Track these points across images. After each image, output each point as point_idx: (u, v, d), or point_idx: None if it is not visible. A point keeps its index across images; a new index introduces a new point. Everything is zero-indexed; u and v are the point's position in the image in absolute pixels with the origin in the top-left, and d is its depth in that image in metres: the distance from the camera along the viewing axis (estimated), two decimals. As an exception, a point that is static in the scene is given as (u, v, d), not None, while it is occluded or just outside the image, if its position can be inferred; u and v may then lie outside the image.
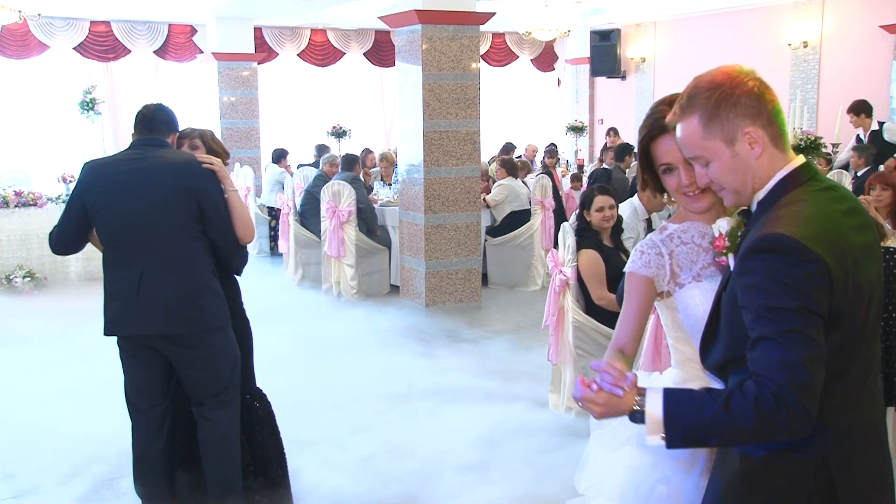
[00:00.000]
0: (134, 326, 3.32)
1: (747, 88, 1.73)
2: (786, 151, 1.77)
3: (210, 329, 3.34)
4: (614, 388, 1.70)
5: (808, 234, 1.61)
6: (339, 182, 8.21)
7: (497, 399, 5.19)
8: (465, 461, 4.27)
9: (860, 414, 1.72)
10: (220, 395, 3.41)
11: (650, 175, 2.14)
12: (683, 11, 13.24)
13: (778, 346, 1.56)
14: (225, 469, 3.45)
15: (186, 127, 3.73)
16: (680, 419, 1.63)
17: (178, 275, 3.28)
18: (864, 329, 1.70)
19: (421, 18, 7.24)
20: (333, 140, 13.01)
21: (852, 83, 10.95)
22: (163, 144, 3.41)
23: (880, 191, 5.00)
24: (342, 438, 4.60)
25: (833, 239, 1.63)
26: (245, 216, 3.44)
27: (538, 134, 14.90)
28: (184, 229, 3.28)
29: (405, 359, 6.17)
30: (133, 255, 3.28)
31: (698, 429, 1.62)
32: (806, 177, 1.74)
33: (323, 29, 13.96)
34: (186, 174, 3.30)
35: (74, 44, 12.10)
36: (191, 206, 3.28)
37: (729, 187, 1.78)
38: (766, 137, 1.73)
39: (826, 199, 1.71)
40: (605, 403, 1.71)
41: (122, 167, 3.35)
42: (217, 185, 3.37)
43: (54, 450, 4.49)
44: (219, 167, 3.41)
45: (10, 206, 8.68)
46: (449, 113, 7.45)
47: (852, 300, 1.65)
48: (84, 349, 6.37)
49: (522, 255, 8.66)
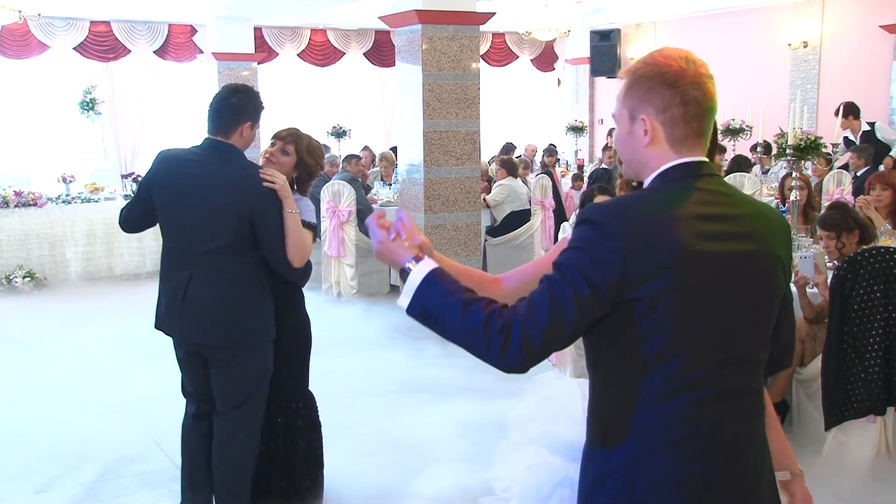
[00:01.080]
0: (175, 329, 3.33)
1: (670, 80, 1.67)
2: (683, 155, 1.70)
3: (246, 344, 3.31)
4: (400, 230, 1.77)
5: (624, 214, 1.62)
6: (339, 182, 8.21)
7: (496, 398, 5.18)
8: (463, 457, 4.29)
9: (697, 426, 1.63)
10: (240, 407, 3.37)
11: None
12: (683, 11, 13.24)
13: (540, 291, 1.61)
14: (229, 479, 3.42)
15: (291, 128, 3.56)
16: (429, 295, 1.69)
17: (223, 286, 3.25)
18: (713, 335, 1.63)
19: (421, 18, 7.24)
20: (333, 140, 13.01)
21: (852, 83, 10.95)
22: (230, 150, 3.30)
23: (880, 191, 5.00)
24: (340, 439, 4.60)
25: (653, 230, 1.60)
26: (299, 241, 3.27)
27: (538, 134, 14.90)
28: (233, 244, 3.22)
29: (405, 359, 6.17)
30: (185, 259, 3.28)
31: (435, 310, 1.69)
32: (689, 173, 1.68)
33: (323, 29, 13.96)
34: (242, 191, 3.20)
35: (74, 44, 12.10)
36: (241, 223, 3.20)
37: (622, 157, 1.80)
38: (661, 132, 1.68)
39: (686, 198, 1.65)
40: (383, 241, 1.78)
41: (186, 168, 3.30)
42: (273, 205, 3.23)
43: (52, 450, 4.49)
44: (280, 186, 3.23)
45: (10, 206, 8.68)
46: (449, 113, 7.45)
47: (672, 297, 1.59)
48: (83, 349, 6.39)
49: (522, 255, 8.66)
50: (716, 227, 1.65)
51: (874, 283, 3.52)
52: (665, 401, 1.62)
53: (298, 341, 3.61)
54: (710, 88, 1.70)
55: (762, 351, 1.73)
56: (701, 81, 1.68)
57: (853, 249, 3.99)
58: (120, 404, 5.21)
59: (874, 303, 3.52)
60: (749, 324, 1.68)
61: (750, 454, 1.69)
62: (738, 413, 1.67)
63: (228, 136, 3.31)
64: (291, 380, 3.59)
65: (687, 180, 1.68)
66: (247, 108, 3.33)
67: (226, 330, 3.26)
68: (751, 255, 1.67)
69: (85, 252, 9.04)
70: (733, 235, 1.66)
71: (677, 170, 1.68)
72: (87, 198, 9.24)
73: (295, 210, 3.27)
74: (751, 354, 1.70)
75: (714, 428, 1.64)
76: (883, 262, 3.53)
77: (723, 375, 1.65)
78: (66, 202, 9.06)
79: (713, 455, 1.64)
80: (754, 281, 1.68)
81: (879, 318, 3.53)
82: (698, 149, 1.71)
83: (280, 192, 3.24)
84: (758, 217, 1.72)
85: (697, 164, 1.69)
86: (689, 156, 1.69)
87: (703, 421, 1.63)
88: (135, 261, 9.26)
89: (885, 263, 3.52)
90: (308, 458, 3.67)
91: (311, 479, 3.70)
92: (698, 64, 1.70)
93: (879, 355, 3.52)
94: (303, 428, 3.63)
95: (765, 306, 1.71)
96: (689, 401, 1.62)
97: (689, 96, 1.67)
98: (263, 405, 3.45)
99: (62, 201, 9.05)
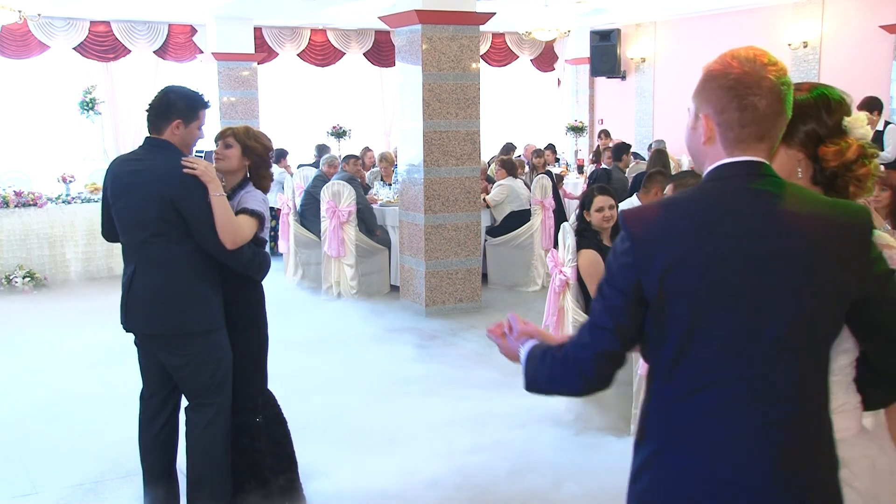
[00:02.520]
0: (124, 321, 3.51)
1: (730, 83, 1.67)
2: (735, 155, 1.69)
3: (189, 332, 3.38)
4: (513, 325, 2.02)
5: (642, 215, 1.71)
6: (339, 182, 8.21)
7: (495, 397, 5.19)
8: (461, 453, 4.29)
9: (713, 429, 1.65)
10: (202, 397, 3.46)
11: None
12: (683, 11, 13.24)
13: (590, 315, 1.79)
14: (200, 471, 3.49)
15: (228, 127, 3.68)
16: (528, 367, 1.89)
17: (159, 276, 3.37)
18: (733, 337, 1.62)
19: (421, 18, 7.24)
20: (333, 140, 13.00)
21: (852, 83, 10.92)
22: (162, 146, 3.40)
23: (879, 191, 4.98)
24: (339, 438, 4.60)
25: (666, 231, 1.66)
26: (226, 221, 3.31)
27: (538, 134, 14.90)
28: (163, 235, 3.33)
29: (405, 359, 6.17)
30: (130, 252, 3.45)
31: (535, 376, 1.87)
32: (737, 172, 1.68)
33: (323, 29, 13.96)
34: (162, 183, 3.30)
35: (74, 44, 12.10)
36: (167, 213, 3.29)
37: (688, 147, 1.83)
38: (717, 133, 1.70)
39: (719, 197, 1.67)
40: (501, 346, 2.07)
41: (124, 167, 3.46)
42: (196, 192, 3.29)
43: (52, 450, 4.49)
44: (202, 171, 3.29)
45: (10, 206, 8.68)
46: (449, 113, 7.45)
47: (682, 297, 1.64)
48: (83, 349, 6.39)
49: (522, 255, 8.66)
50: (741, 226, 1.63)
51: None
52: (683, 402, 1.66)
53: (252, 339, 3.61)
54: (776, 92, 1.67)
55: (798, 360, 1.64)
56: (763, 85, 1.66)
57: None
58: (120, 404, 5.21)
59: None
60: (774, 329, 1.62)
61: (775, 461, 1.62)
62: (759, 419, 1.63)
63: (160, 133, 3.41)
64: (247, 377, 3.60)
65: (733, 179, 1.68)
66: (175, 107, 3.41)
67: (164, 318, 3.37)
68: (780, 255, 1.61)
69: (85, 252, 9.04)
70: (762, 235, 1.62)
71: (726, 168, 1.69)
72: (87, 198, 9.23)
73: (221, 193, 3.32)
74: (777, 362, 1.62)
75: (730, 432, 1.63)
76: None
77: (742, 380, 1.62)
78: (66, 202, 9.06)
79: (727, 459, 1.63)
80: (784, 282, 1.61)
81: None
82: (756, 150, 1.68)
83: (202, 177, 3.29)
84: (812, 218, 1.63)
85: (748, 163, 1.68)
86: (741, 156, 1.69)
87: (719, 424, 1.64)
88: (135, 261, 9.25)
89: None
90: (278, 455, 3.67)
91: (286, 477, 3.68)
92: (766, 67, 1.67)
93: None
94: (263, 425, 3.63)
95: (799, 312, 1.62)
96: (706, 403, 1.64)
97: (746, 101, 1.66)
98: (227, 395, 3.50)
99: (62, 201, 9.05)
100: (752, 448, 1.63)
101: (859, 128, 1.89)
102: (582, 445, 4.40)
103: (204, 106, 3.50)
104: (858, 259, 1.65)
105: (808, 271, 1.61)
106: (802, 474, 1.65)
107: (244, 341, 3.58)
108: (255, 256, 3.50)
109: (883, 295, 1.69)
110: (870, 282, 1.67)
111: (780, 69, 1.69)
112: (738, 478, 1.63)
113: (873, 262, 1.67)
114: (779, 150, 1.86)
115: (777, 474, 1.63)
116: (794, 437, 1.64)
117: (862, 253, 1.66)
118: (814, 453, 1.67)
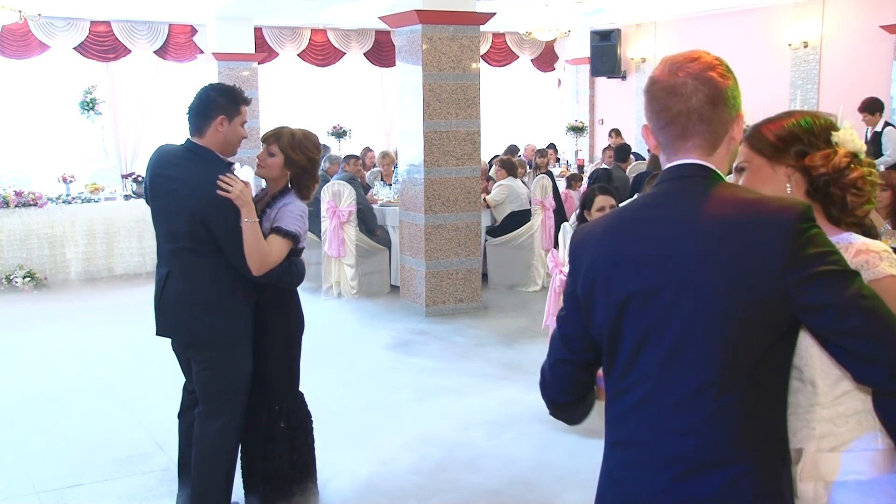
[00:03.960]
0: (156, 323, 3.45)
1: (647, 88, 1.67)
2: (671, 159, 1.67)
3: (211, 343, 3.34)
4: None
5: (586, 224, 1.80)
6: (339, 182, 8.21)
7: (495, 397, 5.19)
8: (461, 452, 4.29)
9: (627, 432, 1.65)
10: (214, 405, 3.40)
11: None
12: (683, 11, 13.24)
13: None
14: (200, 475, 3.46)
15: (277, 127, 3.48)
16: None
17: (189, 284, 3.32)
18: (639, 342, 1.60)
19: (421, 18, 7.23)
20: (334, 140, 12.99)
21: (852, 83, 10.94)
22: (201, 155, 3.30)
23: (879, 191, 5.00)
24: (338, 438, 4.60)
25: (585, 238, 1.73)
26: (254, 250, 3.20)
27: (538, 134, 14.90)
28: (194, 246, 3.27)
29: (405, 358, 6.17)
30: (164, 255, 3.41)
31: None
32: (667, 177, 1.67)
33: (323, 29, 13.96)
34: (196, 199, 3.21)
35: (74, 44, 12.09)
36: (197, 230, 3.22)
37: None
38: (653, 139, 1.72)
39: (641, 202, 1.71)
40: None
41: (161, 169, 3.37)
42: (228, 213, 3.17)
43: (52, 450, 4.49)
44: (236, 195, 3.15)
45: (10, 206, 8.68)
46: (449, 113, 7.45)
47: (597, 303, 1.67)
48: (83, 350, 6.38)
49: (522, 255, 8.66)
50: (646, 229, 1.61)
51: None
52: (612, 403, 1.70)
53: (286, 342, 3.55)
54: (689, 87, 1.60)
55: (704, 367, 1.54)
56: (674, 84, 1.61)
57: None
58: (120, 404, 5.21)
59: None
60: (675, 332, 1.56)
61: (676, 472, 1.56)
62: (671, 426, 1.57)
63: (202, 134, 3.31)
64: (276, 381, 3.54)
65: (662, 184, 1.68)
66: (216, 103, 3.28)
67: (190, 328, 3.34)
68: (676, 257, 1.56)
69: (85, 252, 9.04)
70: (660, 239, 1.59)
71: (663, 174, 1.69)
72: (88, 198, 9.23)
73: (253, 219, 3.19)
74: (694, 370, 1.55)
75: (641, 436, 1.61)
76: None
77: (658, 386, 1.58)
78: (66, 202, 9.06)
79: (636, 464, 1.62)
80: (683, 285, 1.55)
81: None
82: (687, 150, 1.64)
83: (236, 201, 3.16)
84: (722, 217, 1.55)
85: (677, 167, 1.65)
86: (675, 160, 1.67)
87: (632, 428, 1.64)
88: (135, 261, 9.26)
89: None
90: (296, 463, 3.59)
91: (301, 486, 3.60)
92: (683, 66, 1.62)
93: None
94: (286, 431, 3.55)
95: (695, 314, 1.54)
96: (624, 406, 1.65)
97: (660, 105, 1.64)
98: (239, 407, 3.42)
99: (62, 201, 9.05)
100: (652, 457, 1.59)
101: (849, 142, 1.84)
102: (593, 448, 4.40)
103: (245, 101, 3.36)
104: (776, 258, 1.49)
105: (708, 273, 1.53)
106: (695, 492, 1.55)
107: (273, 346, 3.51)
108: (286, 271, 3.39)
109: (837, 300, 1.48)
110: (801, 284, 1.48)
111: (702, 64, 1.61)
112: (640, 488, 1.61)
113: (803, 261, 1.49)
114: (767, 171, 1.84)
115: (669, 487, 1.57)
116: (693, 448, 1.55)
117: (782, 252, 1.49)
118: (715, 467, 1.54)
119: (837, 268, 1.49)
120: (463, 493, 3.95)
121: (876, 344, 1.47)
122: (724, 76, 1.62)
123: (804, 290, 1.48)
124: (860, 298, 1.48)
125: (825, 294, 1.48)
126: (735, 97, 1.64)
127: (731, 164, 1.80)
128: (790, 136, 1.83)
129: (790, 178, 1.83)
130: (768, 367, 1.55)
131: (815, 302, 1.48)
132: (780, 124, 1.84)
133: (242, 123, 3.37)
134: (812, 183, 1.82)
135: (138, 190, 9.33)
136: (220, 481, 3.45)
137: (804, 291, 1.48)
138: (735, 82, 1.65)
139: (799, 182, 1.83)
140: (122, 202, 9.38)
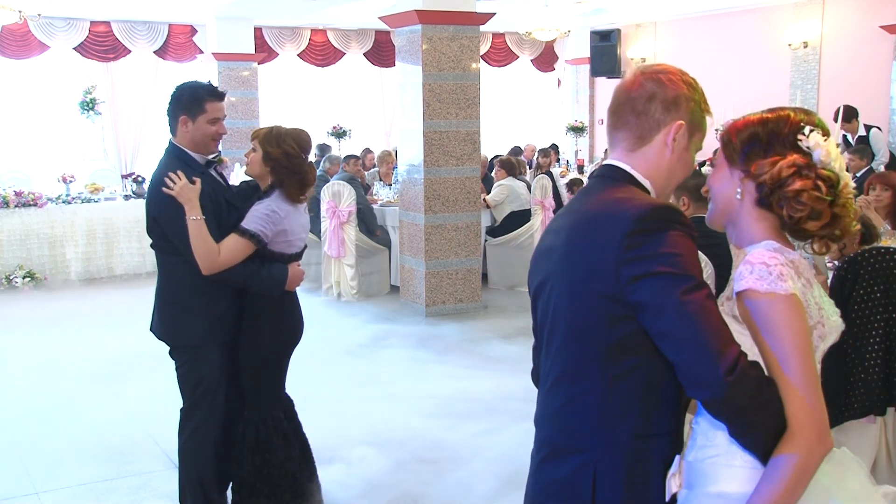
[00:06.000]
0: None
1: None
2: (607, 154, 1.84)
3: (174, 342, 3.39)
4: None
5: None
6: (339, 182, 8.21)
7: (496, 397, 5.19)
8: (462, 451, 4.29)
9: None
10: (187, 406, 3.44)
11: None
12: (683, 11, 13.24)
13: None
14: (180, 474, 3.53)
15: (260, 127, 3.43)
16: None
17: (161, 280, 3.43)
18: (541, 335, 1.77)
19: (421, 18, 7.24)
20: (334, 140, 12.99)
21: (852, 83, 10.94)
22: (167, 152, 3.32)
23: (880, 191, 5.00)
24: (336, 438, 4.60)
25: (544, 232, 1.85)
26: (200, 248, 3.11)
27: (538, 134, 14.90)
28: (159, 243, 3.33)
29: (405, 359, 6.17)
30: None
31: None
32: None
33: (323, 29, 13.96)
34: (150, 196, 3.29)
35: (74, 44, 12.09)
36: (153, 226, 3.29)
37: None
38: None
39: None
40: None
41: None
42: (173, 211, 3.13)
43: (53, 449, 4.49)
44: (178, 192, 3.09)
45: (10, 206, 8.68)
46: (449, 113, 7.45)
47: (532, 296, 1.82)
48: (83, 349, 6.39)
49: (522, 255, 8.65)
50: (553, 225, 1.78)
51: (874, 283, 3.52)
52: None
53: (253, 355, 3.36)
54: (624, 85, 1.72)
55: (568, 358, 1.65)
56: (625, 85, 1.73)
57: (854, 249, 3.98)
58: (120, 404, 5.22)
59: (874, 303, 3.52)
60: (554, 325, 1.69)
61: (543, 454, 1.73)
62: (545, 410, 1.74)
63: (175, 134, 3.34)
64: (247, 390, 3.42)
65: (587, 182, 1.84)
66: (179, 102, 3.28)
67: (161, 324, 3.40)
68: (550, 252, 1.72)
69: (85, 252, 9.04)
70: (554, 234, 1.74)
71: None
72: (88, 198, 9.24)
73: (198, 217, 3.11)
74: (558, 359, 1.69)
75: (536, 419, 1.79)
76: (883, 262, 3.53)
77: (544, 373, 1.75)
78: (66, 202, 9.06)
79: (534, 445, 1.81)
80: (552, 277, 1.70)
81: (879, 318, 3.52)
82: (613, 145, 1.75)
83: (178, 198, 3.11)
84: (581, 215, 1.67)
85: (601, 167, 1.78)
86: (606, 158, 1.80)
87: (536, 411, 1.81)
88: (135, 261, 9.26)
89: (886, 264, 3.52)
90: (267, 477, 3.41)
91: (274, 495, 3.43)
92: (643, 72, 1.73)
93: (879, 355, 3.51)
94: (251, 442, 3.39)
95: (558, 307, 1.66)
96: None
97: (611, 99, 1.77)
98: (210, 411, 3.35)
99: (62, 201, 9.05)
100: (536, 438, 1.77)
101: (832, 161, 1.63)
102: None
103: (214, 97, 3.26)
104: (611, 255, 1.54)
105: (568, 267, 1.64)
106: (550, 475, 1.69)
107: (242, 356, 3.39)
108: (253, 273, 3.23)
109: (656, 300, 1.51)
110: (631, 282, 1.53)
111: (662, 69, 1.70)
112: (529, 467, 1.80)
113: (634, 261, 1.52)
114: (724, 172, 1.72)
115: (537, 468, 1.74)
116: (556, 432, 1.69)
117: (617, 250, 1.54)
118: (569, 453, 1.66)
119: (667, 270, 1.51)
120: (463, 491, 3.95)
121: (680, 348, 1.50)
122: (677, 83, 1.67)
123: (634, 289, 1.53)
124: (681, 303, 1.49)
125: (647, 294, 1.52)
126: (680, 104, 1.67)
127: (683, 176, 1.75)
128: (750, 137, 1.67)
129: (742, 183, 1.67)
130: (622, 360, 1.58)
131: (639, 300, 1.53)
132: (747, 121, 1.69)
133: (212, 120, 3.26)
134: (760, 192, 1.65)
135: (138, 190, 9.34)
136: (195, 483, 3.44)
137: (634, 290, 1.53)
138: (690, 94, 1.68)
139: (750, 190, 1.66)
140: (122, 202, 9.38)
